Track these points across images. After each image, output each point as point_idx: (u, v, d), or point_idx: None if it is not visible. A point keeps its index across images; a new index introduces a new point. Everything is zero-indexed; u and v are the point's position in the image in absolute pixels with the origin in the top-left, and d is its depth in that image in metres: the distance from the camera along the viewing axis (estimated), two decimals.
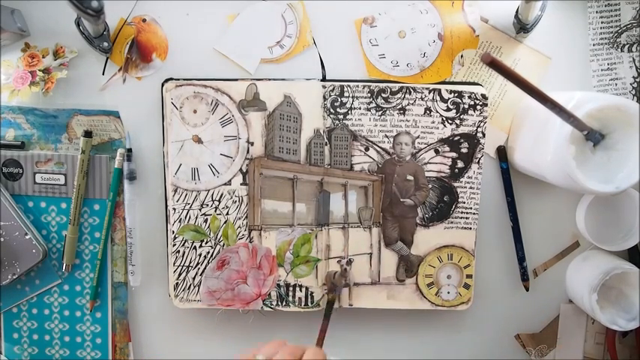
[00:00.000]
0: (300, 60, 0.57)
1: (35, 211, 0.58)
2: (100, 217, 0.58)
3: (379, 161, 0.56)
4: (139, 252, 0.58)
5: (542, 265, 0.60)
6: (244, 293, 0.57)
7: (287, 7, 0.56)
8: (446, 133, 0.56)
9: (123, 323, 0.60)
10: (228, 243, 0.57)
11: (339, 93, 0.55)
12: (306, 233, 0.57)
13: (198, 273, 0.57)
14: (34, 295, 0.59)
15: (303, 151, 0.56)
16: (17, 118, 0.57)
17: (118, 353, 0.60)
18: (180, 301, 0.58)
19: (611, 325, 0.55)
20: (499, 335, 0.62)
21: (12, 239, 0.56)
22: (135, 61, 0.57)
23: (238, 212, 0.57)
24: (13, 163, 0.57)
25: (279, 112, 0.55)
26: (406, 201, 0.57)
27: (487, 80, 0.57)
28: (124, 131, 0.57)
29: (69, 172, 0.57)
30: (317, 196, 0.57)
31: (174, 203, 0.56)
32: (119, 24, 0.56)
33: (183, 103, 0.55)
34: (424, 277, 0.58)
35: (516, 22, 0.54)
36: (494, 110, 0.57)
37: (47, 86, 0.55)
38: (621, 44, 0.56)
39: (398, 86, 0.55)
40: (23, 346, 0.60)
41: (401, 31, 0.56)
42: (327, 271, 0.57)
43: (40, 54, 0.56)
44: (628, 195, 0.56)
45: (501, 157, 0.58)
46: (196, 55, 0.57)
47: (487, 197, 0.58)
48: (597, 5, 0.56)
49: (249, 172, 0.56)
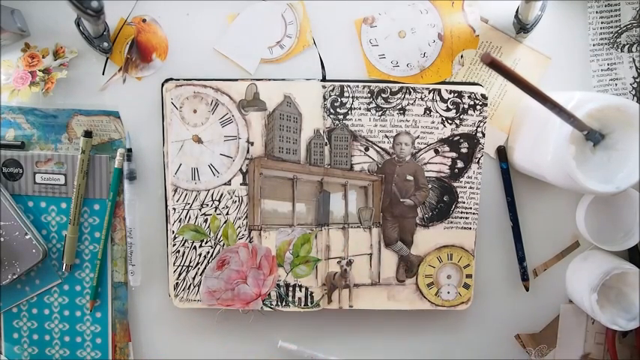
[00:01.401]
0: (300, 60, 0.57)
1: (35, 211, 0.58)
2: (100, 217, 0.58)
3: (379, 161, 0.56)
4: (139, 252, 0.58)
5: (542, 265, 0.60)
6: (244, 293, 0.57)
7: (287, 7, 0.56)
8: (446, 133, 0.56)
9: (123, 323, 0.60)
10: (228, 243, 0.57)
11: (339, 93, 0.55)
12: (306, 233, 0.57)
13: (198, 273, 0.57)
14: (34, 295, 0.59)
15: (303, 151, 0.56)
16: (17, 118, 0.57)
17: (118, 353, 0.60)
18: (180, 301, 0.58)
19: (611, 325, 0.55)
20: (499, 335, 0.62)
21: (12, 239, 0.56)
22: (135, 61, 0.57)
23: (238, 212, 0.57)
24: (13, 163, 0.57)
25: (279, 112, 0.55)
26: (406, 201, 0.57)
27: (487, 80, 0.57)
28: (124, 131, 0.57)
29: (69, 172, 0.57)
30: (317, 196, 0.57)
31: (174, 203, 0.56)
32: (119, 24, 0.56)
33: (183, 103, 0.55)
34: (424, 278, 0.58)
35: (516, 22, 0.54)
36: (494, 110, 0.57)
37: (47, 86, 0.55)
38: (621, 44, 0.56)
39: (398, 86, 0.55)
40: (23, 346, 0.60)
41: (401, 31, 0.56)
42: (327, 272, 0.57)
43: (40, 54, 0.56)
44: (628, 195, 0.56)
45: (501, 157, 0.58)
46: (196, 55, 0.57)
47: (487, 197, 0.58)
48: (597, 5, 0.56)
49: (249, 172, 0.56)
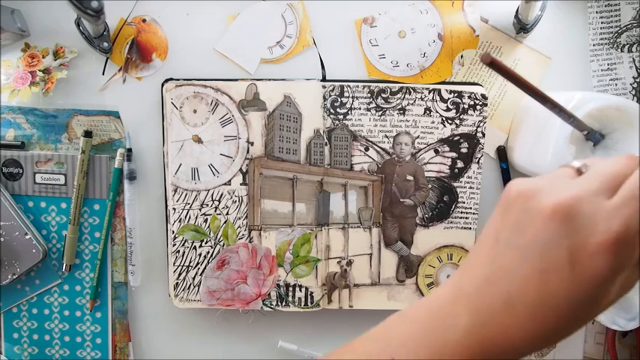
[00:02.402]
0: (300, 60, 0.57)
1: (35, 211, 0.58)
2: (100, 217, 0.58)
3: (379, 161, 0.56)
4: (139, 252, 0.58)
5: None
6: (244, 293, 0.57)
7: (287, 7, 0.56)
8: (446, 133, 0.56)
9: (123, 323, 0.60)
10: (228, 243, 0.57)
11: (339, 93, 0.55)
12: (306, 233, 0.57)
13: (198, 273, 0.57)
14: (34, 295, 0.59)
15: (303, 151, 0.56)
16: (17, 118, 0.57)
17: (118, 353, 0.60)
18: (180, 301, 0.58)
19: (611, 325, 0.55)
20: None
21: (12, 239, 0.56)
22: (135, 61, 0.57)
23: (238, 212, 0.57)
24: (13, 163, 0.57)
25: (279, 112, 0.55)
26: (406, 201, 0.57)
27: (487, 80, 0.57)
28: (124, 131, 0.57)
29: (69, 172, 0.57)
30: (317, 196, 0.57)
31: (174, 203, 0.56)
32: (119, 24, 0.56)
33: (183, 103, 0.55)
34: (424, 278, 0.58)
35: (516, 22, 0.54)
36: (494, 110, 0.57)
37: (47, 86, 0.55)
38: (621, 44, 0.56)
39: (398, 86, 0.55)
40: (23, 346, 0.60)
41: (401, 31, 0.56)
42: (327, 272, 0.57)
43: (40, 54, 0.56)
44: None
45: (501, 157, 0.58)
46: (196, 55, 0.57)
47: (487, 197, 0.58)
48: (597, 5, 0.56)
49: (249, 172, 0.56)
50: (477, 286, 0.30)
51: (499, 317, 0.29)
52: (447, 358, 0.29)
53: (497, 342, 0.29)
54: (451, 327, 0.30)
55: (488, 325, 0.29)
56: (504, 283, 0.29)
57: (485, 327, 0.29)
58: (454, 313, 0.30)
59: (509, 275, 0.29)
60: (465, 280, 0.31)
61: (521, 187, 0.30)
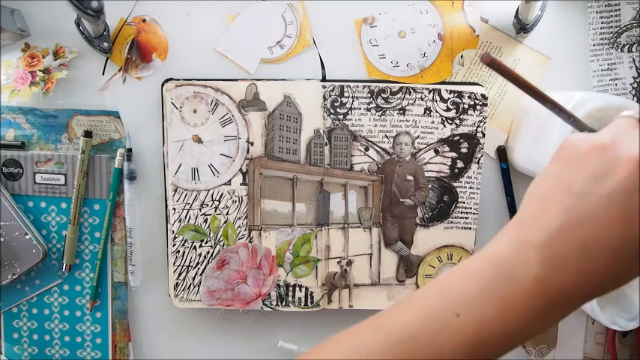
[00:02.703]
0: (300, 60, 0.57)
1: (35, 211, 0.58)
2: (100, 217, 0.58)
3: (379, 161, 0.56)
4: (139, 252, 0.58)
5: None
6: (244, 293, 0.57)
7: (287, 7, 0.56)
8: (446, 133, 0.56)
9: (123, 323, 0.60)
10: (228, 243, 0.57)
11: (339, 93, 0.55)
12: (306, 233, 0.57)
13: (198, 273, 0.57)
14: (34, 295, 0.59)
15: (303, 151, 0.56)
16: (17, 118, 0.57)
17: (118, 353, 0.60)
18: (180, 301, 0.58)
19: (611, 325, 0.55)
20: None
21: (12, 239, 0.56)
22: (135, 61, 0.57)
23: (238, 212, 0.57)
24: (13, 163, 0.57)
25: (279, 112, 0.55)
26: (406, 201, 0.57)
27: (487, 80, 0.57)
28: (124, 131, 0.57)
29: (69, 172, 0.57)
30: (317, 196, 0.57)
31: (174, 203, 0.56)
32: (119, 24, 0.56)
33: (183, 103, 0.55)
34: (424, 278, 0.58)
35: (516, 22, 0.54)
36: (494, 110, 0.57)
37: (47, 86, 0.55)
38: (621, 44, 0.56)
39: (398, 86, 0.55)
40: (23, 346, 0.60)
41: (401, 31, 0.56)
42: (327, 272, 0.57)
43: (40, 54, 0.56)
44: None
45: (501, 157, 0.58)
46: (196, 55, 0.57)
47: (487, 197, 0.58)
48: (597, 5, 0.56)
49: (249, 172, 0.56)
50: (549, 235, 0.30)
51: (574, 265, 0.29)
52: (517, 310, 0.30)
53: (570, 290, 0.29)
54: (521, 278, 0.30)
55: (562, 274, 0.29)
56: (580, 232, 0.29)
57: (558, 276, 0.29)
58: (523, 264, 0.30)
59: (587, 222, 0.29)
60: (531, 231, 0.31)
61: (592, 141, 0.31)
